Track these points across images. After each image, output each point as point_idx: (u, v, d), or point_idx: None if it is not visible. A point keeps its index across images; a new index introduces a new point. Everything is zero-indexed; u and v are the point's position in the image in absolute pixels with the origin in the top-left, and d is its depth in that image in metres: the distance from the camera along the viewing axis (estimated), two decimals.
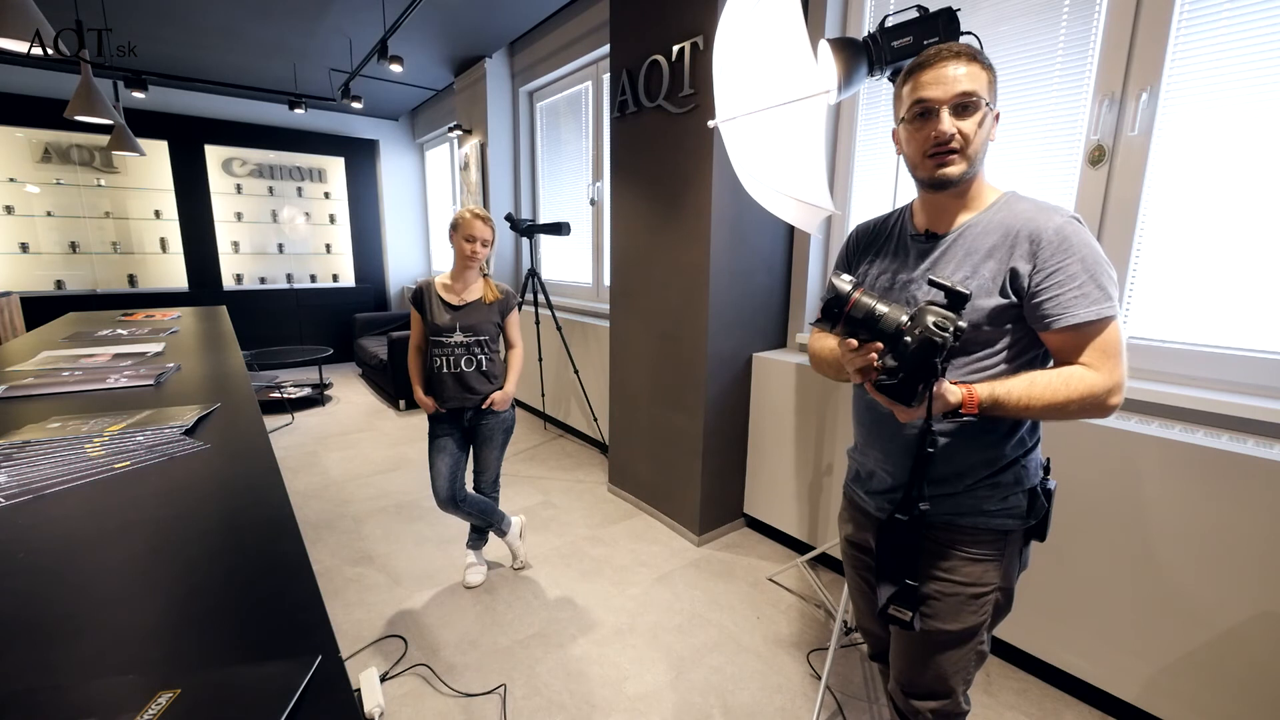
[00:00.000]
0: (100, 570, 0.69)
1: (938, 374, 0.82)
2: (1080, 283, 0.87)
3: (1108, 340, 0.88)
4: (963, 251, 0.96)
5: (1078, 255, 0.88)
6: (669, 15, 2.31)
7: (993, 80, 0.92)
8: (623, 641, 1.91)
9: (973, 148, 0.92)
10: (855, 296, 0.85)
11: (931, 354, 0.80)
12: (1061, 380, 0.87)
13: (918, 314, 0.82)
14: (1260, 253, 1.46)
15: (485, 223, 1.96)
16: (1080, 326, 0.88)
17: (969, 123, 0.91)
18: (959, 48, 0.92)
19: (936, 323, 0.80)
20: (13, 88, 4.51)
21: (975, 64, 0.90)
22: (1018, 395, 0.87)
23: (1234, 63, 1.44)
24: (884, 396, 0.87)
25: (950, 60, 0.90)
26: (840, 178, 2.34)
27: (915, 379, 0.82)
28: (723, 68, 1.41)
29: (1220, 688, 1.41)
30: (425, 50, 4.19)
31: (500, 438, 2.11)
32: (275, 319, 5.71)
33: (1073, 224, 0.90)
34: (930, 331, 0.80)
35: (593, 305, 3.83)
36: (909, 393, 0.83)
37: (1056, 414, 0.88)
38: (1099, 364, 0.88)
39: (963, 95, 0.89)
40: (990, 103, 0.91)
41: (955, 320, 0.80)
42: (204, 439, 1.11)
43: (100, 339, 2.15)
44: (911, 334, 0.81)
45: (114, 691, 0.50)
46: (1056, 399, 0.86)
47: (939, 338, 0.79)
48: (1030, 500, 0.99)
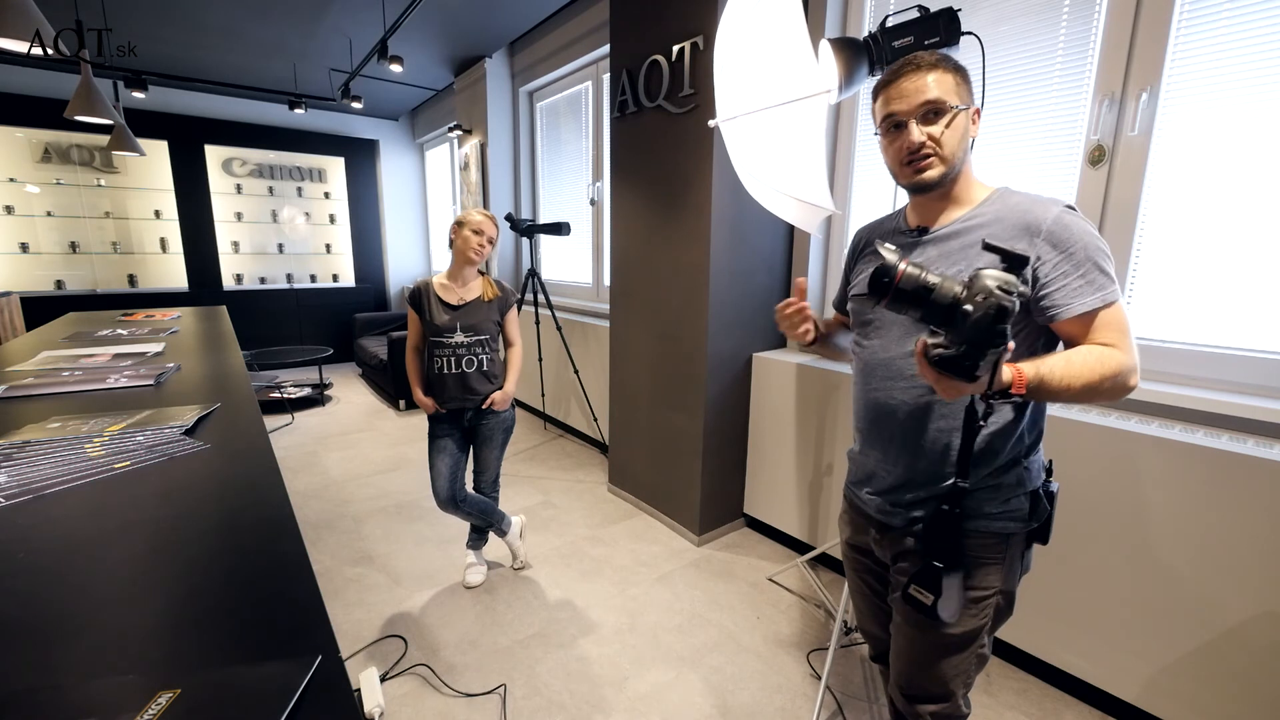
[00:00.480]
0: (100, 570, 0.69)
1: (1008, 341, 0.74)
2: (1084, 270, 0.88)
3: (1118, 321, 0.89)
4: (958, 245, 0.96)
5: (1079, 243, 0.89)
6: (669, 15, 2.31)
7: (961, 80, 0.94)
8: (623, 641, 1.91)
9: (947, 149, 0.94)
10: (903, 268, 0.77)
11: (1001, 319, 0.72)
12: (1096, 358, 0.86)
13: (973, 279, 0.75)
14: (1260, 253, 1.46)
15: (492, 221, 1.97)
16: (1088, 315, 0.88)
17: (938, 127, 0.93)
18: (920, 58, 0.94)
19: (1001, 286, 0.72)
20: (13, 88, 4.51)
21: (937, 70, 0.93)
22: (1060, 374, 0.84)
23: (1234, 63, 1.44)
24: (939, 371, 0.77)
25: (911, 73, 0.94)
26: (840, 178, 2.34)
27: (981, 349, 0.74)
28: (723, 67, 1.41)
29: (1220, 688, 1.41)
30: (425, 50, 4.19)
31: (500, 438, 2.11)
32: (275, 319, 5.71)
33: (1069, 213, 0.91)
34: (997, 297, 0.72)
35: (593, 305, 3.83)
36: (973, 365, 0.74)
37: (1090, 394, 0.86)
38: (1119, 343, 0.88)
39: (926, 104, 0.92)
40: (961, 104, 0.93)
41: (1016, 284, 0.73)
42: (204, 439, 1.11)
43: (100, 339, 2.15)
44: (973, 301, 0.73)
45: (114, 691, 0.50)
46: (1093, 377, 0.85)
47: (1007, 301, 0.71)
48: (1033, 503, 0.99)
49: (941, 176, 0.95)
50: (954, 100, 0.93)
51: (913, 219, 1.06)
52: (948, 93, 0.92)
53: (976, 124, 0.98)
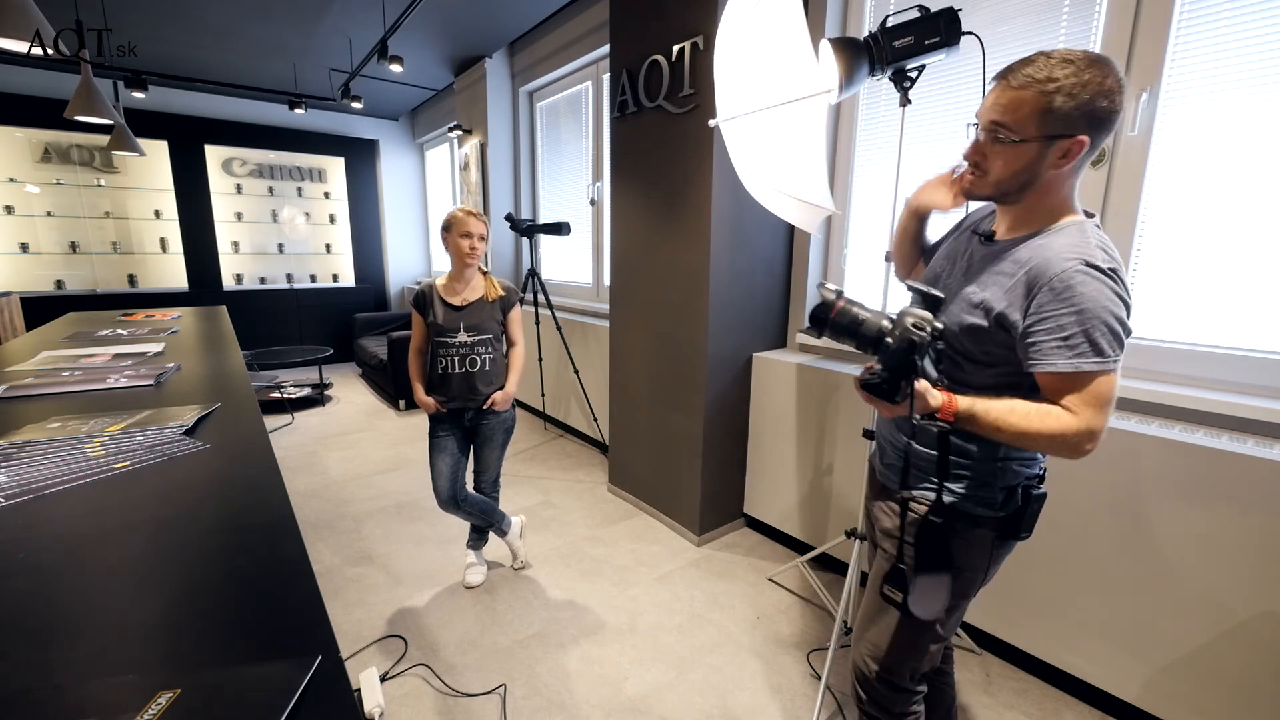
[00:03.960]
0: (100, 570, 0.69)
1: (917, 371, 0.87)
2: (1069, 334, 0.86)
3: (1092, 391, 0.86)
4: (995, 264, 0.96)
5: (1075, 306, 0.85)
6: (669, 15, 2.31)
7: (1053, 106, 0.84)
8: (623, 641, 1.91)
9: (992, 175, 0.92)
10: (839, 305, 0.91)
11: (911, 352, 0.86)
12: (1039, 414, 0.88)
13: (900, 316, 0.89)
14: (1260, 253, 1.46)
15: (477, 218, 1.97)
16: (1058, 375, 0.88)
17: (995, 151, 0.91)
18: (1018, 75, 0.86)
19: (914, 324, 0.86)
20: (13, 88, 4.51)
21: (1026, 91, 0.85)
22: (994, 416, 0.89)
23: (1234, 63, 1.44)
24: (869, 394, 0.91)
25: (1003, 86, 0.88)
26: (840, 178, 2.34)
27: (898, 377, 0.87)
28: (723, 67, 1.41)
29: (1220, 688, 1.41)
30: (425, 50, 4.19)
31: (501, 437, 2.11)
32: (275, 319, 5.71)
33: (1085, 272, 0.85)
34: (909, 332, 0.86)
35: (593, 305, 3.83)
36: (892, 390, 0.88)
37: (1025, 443, 0.90)
38: (1077, 409, 0.87)
39: (992, 124, 0.90)
40: (1034, 135, 0.86)
41: (931, 321, 0.87)
42: (204, 439, 1.11)
43: (100, 339, 2.15)
44: (893, 335, 0.88)
45: (114, 691, 0.50)
46: (1028, 429, 0.87)
47: (917, 336, 0.85)
48: (1007, 496, 1.01)
49: (984, 197, 0.95)
50: (1028, 129, 0.86)
51: (997, 221, 1.04)
52: (1023, 120, 0.86)
53: (1074, 156, 0.87)
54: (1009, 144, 0.89)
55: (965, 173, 0.98)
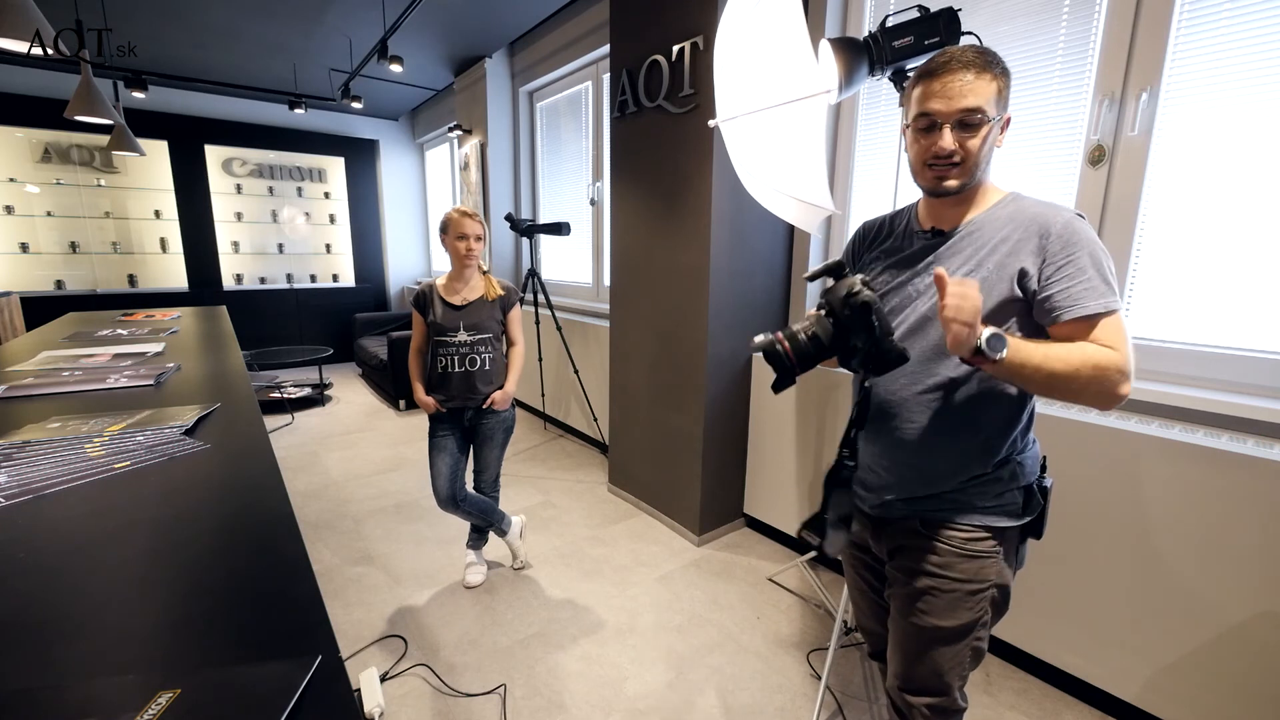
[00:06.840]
0: (100, 570, 0.69)
1: (876, 331, 0.83)
2: (1088, 276, 0.88)
3: (1119, 329, 0.88)
4: (970, 248, 0.97)
5: (1086, 250, 0.89)
6: (669, 15, 2.31)
7: (1003, 88, 0.91)
8: (623, 641, 1.91)
9: (972, 161, 0.92)
10: (785, 346, 0.88)
11: (866, 313, 0.83)
12: (1079, 350, 0.86)
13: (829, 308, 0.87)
14: (1260, 253, 1.46)
15: (473, 218, 1.97)
16: (1090, 318, 0.88)
17: (972, 140, 0.91)
18: (971, 55, 0.89)
19: (849, 293, 0.83)
20: (13, 88, 4.51)
21: (986, 74, 0.89)
22: (1041, 354, 0.85)
23: (1234, 63, 1.44)
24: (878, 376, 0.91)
25: (959, 70, 0.89)
26: (840, 177, 2.34)
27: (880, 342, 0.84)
28: (723, 67, 1.41)
29: (1220, 688, 1.41)
30: (425, 50, 4.19)
31: (500, 437, 2.11)
32: (275, 319, 5.71)
33: (1079, 220, 0.92)
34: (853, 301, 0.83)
35: (593, 305, 3.83)
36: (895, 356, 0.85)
37: (1070, 382, 0.85)
38: (1118, 347, 0.87)
39: (966, 112, 0.89)
40: (996, 115, 0.91)
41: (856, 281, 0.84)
42: (204, 439, 1.11)
43: (100, 339, 2.15)
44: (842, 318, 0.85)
45: (114, 691, 0.50)
46: (1075, 363, 0.85)
47: (866, 297, 0.82)
48: (1026, 497, 1.00)
49: (961, 187, 0.94)
50: (992, 110, 0.89)
51: (925, 219, 1.05)
52: (988, 101, 0.89)
53: (1005, 132, 0.95)
54: (977, 128, 0.90)
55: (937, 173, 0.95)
